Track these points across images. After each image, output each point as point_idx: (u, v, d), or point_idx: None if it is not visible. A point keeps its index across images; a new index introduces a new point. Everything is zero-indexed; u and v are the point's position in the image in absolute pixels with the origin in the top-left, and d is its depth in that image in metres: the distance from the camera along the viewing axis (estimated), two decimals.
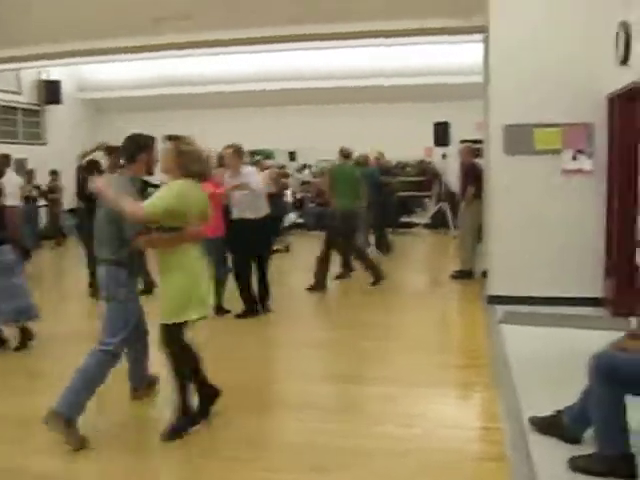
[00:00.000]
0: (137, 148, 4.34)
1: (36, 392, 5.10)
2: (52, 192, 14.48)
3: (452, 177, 13.93)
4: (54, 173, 14.58)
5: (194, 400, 4.36)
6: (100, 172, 7.64)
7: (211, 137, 5.75)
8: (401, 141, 14.92)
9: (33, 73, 15.91)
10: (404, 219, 15.82)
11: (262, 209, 7.43)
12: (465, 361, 5.69)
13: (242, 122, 14.95)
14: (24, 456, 3.99)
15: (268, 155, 16.05)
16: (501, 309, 7.10)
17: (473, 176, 9.24)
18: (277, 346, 6.60)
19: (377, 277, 8.97)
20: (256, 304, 7.51)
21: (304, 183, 16.72)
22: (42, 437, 4.12)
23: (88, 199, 7.21)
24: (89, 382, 4.16)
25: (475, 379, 5.18)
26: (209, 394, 4.44)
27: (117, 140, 5.42)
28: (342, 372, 5.50)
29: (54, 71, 16.11)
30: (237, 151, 7.34)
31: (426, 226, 15.25)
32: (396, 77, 15.00)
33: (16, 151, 11.05)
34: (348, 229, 8.92)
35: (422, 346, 6.20)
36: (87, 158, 8.21)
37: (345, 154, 9.25)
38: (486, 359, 5.57)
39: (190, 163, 4.20)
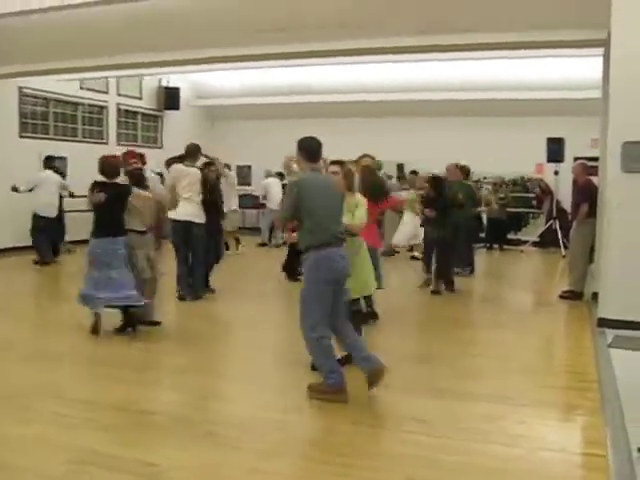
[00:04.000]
0: None
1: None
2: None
3: (564, 194, 13.54)
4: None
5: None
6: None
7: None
8: (511, 156, 14.64)
9: (154, 80, 16.70)
10: (512, 236, 15.52)
11: None
12: (571, 383, 5.50)
13: (350, 133, 15.00)
14: (142, 449, 4.12)
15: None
16: (611, 333, 6.82)
17: (587, 194, 8.93)
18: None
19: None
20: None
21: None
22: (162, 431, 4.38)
23: None
24: None
25: (580, 402, 5.00)
26: None
27: (231, 146, 5.60)
28: (444, 387, 5.38)
29: (173, 78, 16.82)
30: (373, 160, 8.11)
31: (535, 244, 14.86)
32: (508, 91, 14.67)
33: None
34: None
35: (527, 365, 6.04)
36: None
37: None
38: (593, 383, 5.35)
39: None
